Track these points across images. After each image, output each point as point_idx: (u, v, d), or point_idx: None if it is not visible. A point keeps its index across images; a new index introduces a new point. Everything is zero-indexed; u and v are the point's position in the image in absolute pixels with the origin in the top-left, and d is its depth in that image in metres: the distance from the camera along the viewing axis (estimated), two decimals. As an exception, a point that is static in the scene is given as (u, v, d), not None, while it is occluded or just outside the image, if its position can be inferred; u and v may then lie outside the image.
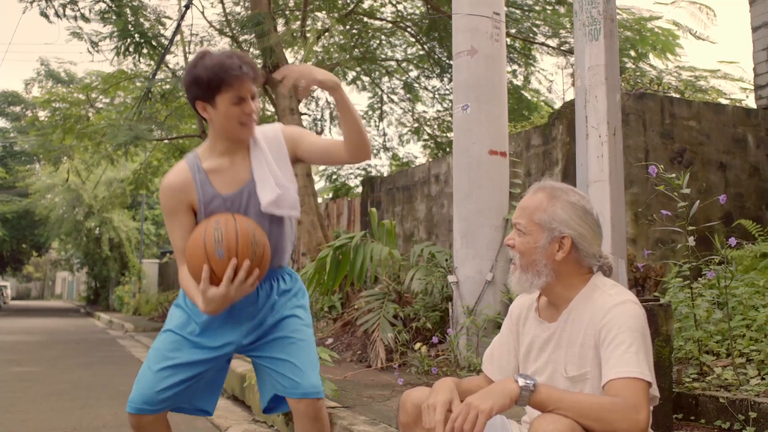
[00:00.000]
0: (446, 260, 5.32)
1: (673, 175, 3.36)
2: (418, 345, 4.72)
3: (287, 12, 11.33)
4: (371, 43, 12.14)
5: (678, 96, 7.19)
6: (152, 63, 11.01)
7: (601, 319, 1.66)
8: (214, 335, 2.18)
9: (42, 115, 14.73)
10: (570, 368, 1.73)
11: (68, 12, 9.86)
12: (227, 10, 11.01)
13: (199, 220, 2.15)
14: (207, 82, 2.05)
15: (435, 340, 4.69)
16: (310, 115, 13.48)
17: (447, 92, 12.72)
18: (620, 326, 1.63)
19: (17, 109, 27.95)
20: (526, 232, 1.78)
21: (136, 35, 10.01)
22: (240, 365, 4.87)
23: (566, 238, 1.75)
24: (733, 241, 3.14)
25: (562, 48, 10.54)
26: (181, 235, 2.13)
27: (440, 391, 1.69)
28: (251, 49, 10.63)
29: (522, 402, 1.53)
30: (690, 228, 3.25)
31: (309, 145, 2.24)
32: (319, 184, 16.69)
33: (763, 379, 3.05)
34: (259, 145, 2.19)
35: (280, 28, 10.38)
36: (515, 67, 11.84)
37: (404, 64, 12.82)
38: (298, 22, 10.35)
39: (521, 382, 1.53)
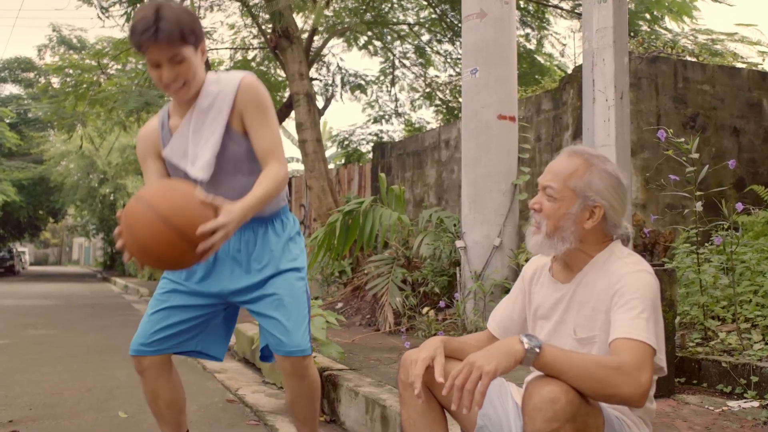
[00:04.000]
0: (454, 225, 5.33)
1: (683, 140, 3.33)
2: (425, 309, 4.76)
3: (297, -25, 11.17)
4: (383, 6, 11.97)
5: (692, 59, 7.07)
6: (162, 28, 10.94)
7: (615, 284, 1.66)
8: (204, 282, 2.21)
9: (55, 81, 14.75)
10: (579, 330, 1.73)
11: (77, -23, 9.79)
12: (237, -26, 10.87)
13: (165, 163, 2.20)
14: (130, 40, 2.00)
15: (442, 304, 4.73)
16: (321, 80, 13.39)
17: (459, 57, 12.56)
18: (633, 292, 1.61)
19: (30, 75, 27.98)
20: (558, 197, 1.73)
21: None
22: (250, 328, 4.95)
23: (598, 208, 1.72)
24: (740, 206, 3.12)
25: (576, 11, 10.34)
26: (155, 179, 2.19)
27: (424, 347, 1.72)
28: (261, 14, 10.52)
29: (527, 363, 1.51)
30: (700, 193, 3.23)
31: (254, 130, 2.10)
32: (331, 150, 16.68)
33: (766, 344, 3.05)
34: (200, 103, 2.09)
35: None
36: (528, 30, 11.65)
37: (416, 28, 12.65)
38: (309, -14, 10.21)
39: (526, 344, 1.49)
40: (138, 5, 9.87)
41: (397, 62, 13.40)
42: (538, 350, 1.49)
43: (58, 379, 4.34)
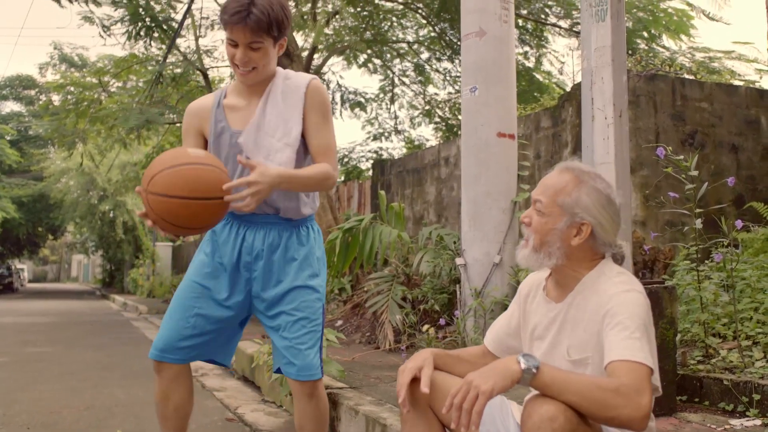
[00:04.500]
0: (454, 243, 5.33)
1: (682, 157, 3.34)
2: (425, 327, 4.74)
3: (298, -6, 11.27)
4: (382, 25, 12.05)
5: (690, 77, 7.11)
6: (163, 47, 11.02)
7: (606, 305, 1.65)
8: (231, 293, 2.21)
9: (56, 99, 14.81)
10: (572, 351, 1.72)
11: (80, -4, 9.87)
12: (238, -7, 10.95)
13: (209, 148, 2.21)
14: (220, 16, 2.08)
15: (442, 322, 4.71)
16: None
17: (458, 74, 12.63)
18: (624, 312, 1.60)
19: (32, 92, 28.10)
20: (545, 212, 1.74)
21: (147, 19, 10.01)
22: (249, 346, 4.93)
23: (586, 225, 1.71)
24: (739, 223, 3.12)
25: (574, 29, 10.43)
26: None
27: (413, 359, 1.75)
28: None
29: (524, 383, 1.51)
30: (699, 210, 3.24)
31: (313, 130, 2.18)
32: (331, 167, 16.69)
33: (768, 361, 3.04)
34: (274, 91, 2.17)
35: (291, 10, 10.32)
36: (527, 48, 11.73)
37: (415, 46, 12.74)
38: (309, 5, 10.31)
39: (523, 364, 1.50)
40: (139, 23, 9.95)
41: (396, 80, 13.48)
42: (535, 370, 1.49)
43: (56, 397, 4.31)
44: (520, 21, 10.73)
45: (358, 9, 11.21)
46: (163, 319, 2.25)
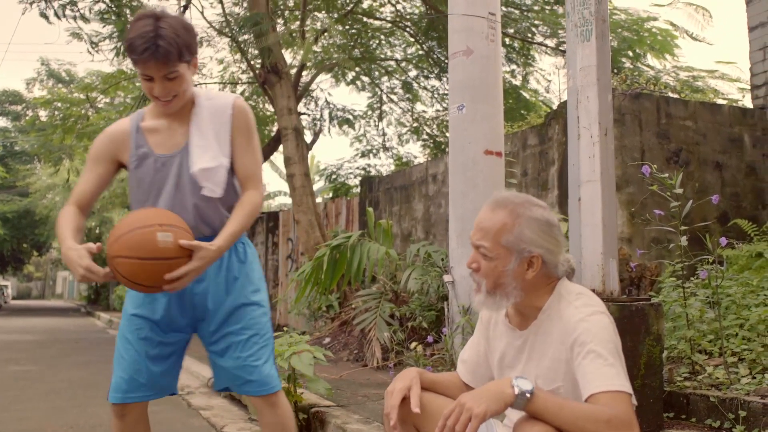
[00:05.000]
0: (442, 260, 5.34)
1: (667, 175, 3.38)
2: (413, 344, 4.74)
3: (286, 12, 11.34)
4: (370, 42, 12.13)
5: (674, 96, 7.20)
6: (152, 63, 11.03)
7: (572, 333, 1.63)
8: (176, 314, 2.17)
9: (42, 114, 14.76)
10: (541, 382, 1.69)
11: (68, 12, 9.85)
12: (226, 11, 11.02)
13: (129, 176, 2.15)
14: (128, 55, 2.03)
15: (430, 339, 4.71)
16: (309, 115, 13.49)
17: (446, 92, 12.73)
18: (593, 339, 1.58)
19: (18, 108, 27.98)
20: (492, 256, 1.68)
21: (136, 35, 10.02)
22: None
23: (536, 257, 1.68)
24: (723, 240, 3.16)
25: (560, 48, 10.55)
26: (93, 183, 2.15)
27: (400, 378, 1.73)
28: (250, 49, 10.63)
29: (517, 407, 1.50)
30: (684, 228, 3.27)
31: (239, 153, 2.15)
32: (319, 183, 16.71)
33: (753, 378, 3.06)
34: (200, 113, 2.13)
35: (279, 28, 10.38)
36: (514, 66, 11.84)
37: (403, 64, 12.82)
38: (297, 22, 10.36)
39: (517, 389, 1.49)
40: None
41: (384, 97, 13.54)
42: (529, 395, 1.49)
43: (40, 416, 4.25)
44: (507, 40, 10.84)
45: (347, 27, 11.29)
46: (115, 362, 2.18)
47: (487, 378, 1.89)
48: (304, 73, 10.99)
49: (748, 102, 7.78)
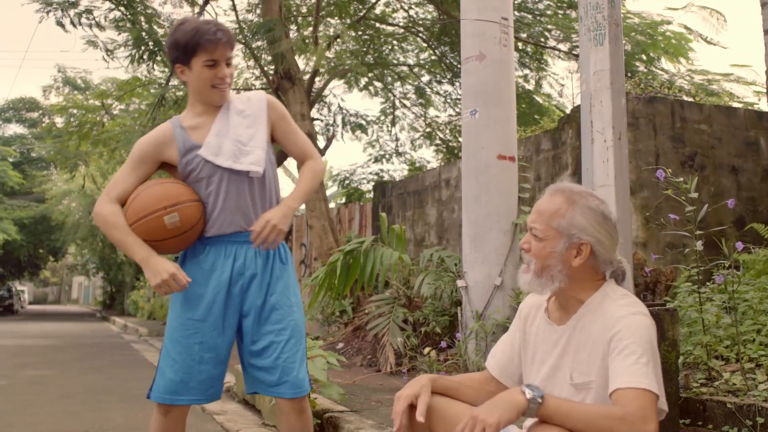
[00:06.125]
0: (455, 265, 5.33)
1: (682, 179, 3.35)
2: (427, 349, 4.73)
3: (299, 18, 11.39)
4: (383, 48, 12.15)
5: (689, 99, 7.15)
6: (166, 70, 11.11)
7: (611, 329, 1.64)
8: (224, 315, 2.20)
9: (59, 121, 14.90)
10: (576, 375, 1.70)
11: (83, 21, 9.95)
12: (240, 18, 11.08)
13: (179, 170, 2.24)
14: (184, 45, 2.17)
15: (444, 344, 4.69)
16: (322, 120, 13.52)
17: (459, 97, 12.72)
18: (630, 337, 1.60)
19: (35, 115, 28.26)
20: (542, 237, 1.73)
21: (150, 43, 10.10)
22: (250, 369, 4.90)
23: (585, 245, 1.71)
24: (740, 245, 3.12)
25: (573, 52, 10.51)
26: (136, 184, 2.22)
27: (409, 385, 1.74)
28: (263, 55, 10.68)
29: (530, 414, 1.51)
30: (700, 232, 3.24)
31: (289, 136, 2.36)
32: (332, 189, 16.73)
33: (771, 384, 3.02)
34: (231, 107, 2.28)
35: (292, 34, 10.43)
36: (527, 71, 11.81)
37: (416, 69, 12.83)
38: (310, 29, 10.41)
39: (528, 394, 1.50)
40: (142, 47, 10.05)
41: (397, 102, 13.55)
42: (540, 400, 1.50)
43: (54, 421, 4.28)
44: (519, 44, 10.82)
45: (359, 33, 11.31)
46: (166, 362, 2.20)
47: (516, 374, 1.90)
48: (317, 78, 11.02)
49: (764, 105, 7.72)
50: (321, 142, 12.43)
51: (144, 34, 10.04)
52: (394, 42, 12.12)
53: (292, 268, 2.33)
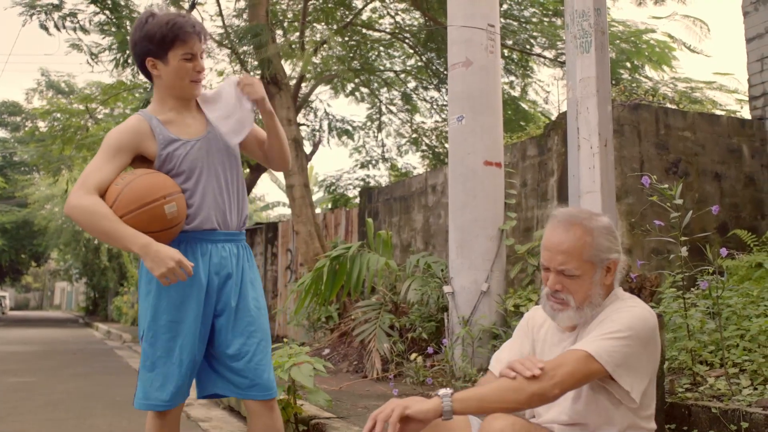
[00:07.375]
0: (442, 270, 5.34)
1: (666, 185, 3.38)
2: (413, 355, 4.72)
3: (286, 23, 11.38)
4: (370, 54, 12.18)
5: (673, 107, 7.22)
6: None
7: (609, 316, 1.74)
8: (202, 304, 2.17)
9: (42, 125, 14.78)
10: None
11: (68, 24, 9.89)
12: (226, 23, 11.06)
13: (156, 164, 2.17)
14: (161, 38, 2.12)
15: (430, 350, 4.69)
16: (308, 126, 13.51)
17: (445, 103, 12.75)
18: (620, 318, 1.69)
19: (17, 119, 28.00)
20: (579, 273, 1.77)
21: (136, 47, 10.06)
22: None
23: (613, 262, 1.80)
24: (724, 251, 3.15)
25: (558, 60, 10.59)
26: (113, 174, 2.11)
27: (382, 408, 1.74)
28: (250, 60, 10.66)
29: (446, 416, 1.59)
30: (684, 238, 3.26)
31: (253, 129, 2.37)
32: (318, 194, 16.71)
33: (755, 389, 3.05)
34: (208, 96, 2.30)
35: (279, 39, 10.43)
36: (512, 78, 11.88)
37: (402, 75, 12.87)
38: (297, 34, 10.41)
39: (441, 392, 1.62)
40: (126, 51, 9.99)
41: (383, 108, 13.58)
42: (449, 399, 1.59)
43: (38, 428, 4.23)
44: (505, 51, 10.88)
45: (346, 38, 11.33)
46: (150, 369, 2.15)
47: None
48: (304, 84, 11.03)
49: (746, 113, 7.80)
50: (307, 148, 12.42)
51: (128, 37, 9.99)
52: (381, 48, 12.15)
53: (257, 269, 2.34)
